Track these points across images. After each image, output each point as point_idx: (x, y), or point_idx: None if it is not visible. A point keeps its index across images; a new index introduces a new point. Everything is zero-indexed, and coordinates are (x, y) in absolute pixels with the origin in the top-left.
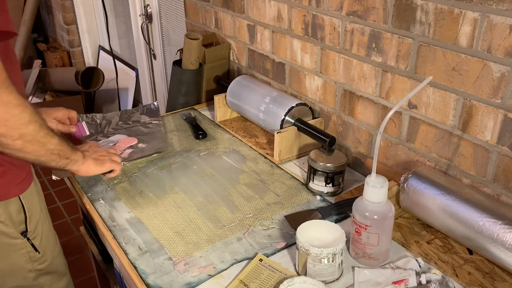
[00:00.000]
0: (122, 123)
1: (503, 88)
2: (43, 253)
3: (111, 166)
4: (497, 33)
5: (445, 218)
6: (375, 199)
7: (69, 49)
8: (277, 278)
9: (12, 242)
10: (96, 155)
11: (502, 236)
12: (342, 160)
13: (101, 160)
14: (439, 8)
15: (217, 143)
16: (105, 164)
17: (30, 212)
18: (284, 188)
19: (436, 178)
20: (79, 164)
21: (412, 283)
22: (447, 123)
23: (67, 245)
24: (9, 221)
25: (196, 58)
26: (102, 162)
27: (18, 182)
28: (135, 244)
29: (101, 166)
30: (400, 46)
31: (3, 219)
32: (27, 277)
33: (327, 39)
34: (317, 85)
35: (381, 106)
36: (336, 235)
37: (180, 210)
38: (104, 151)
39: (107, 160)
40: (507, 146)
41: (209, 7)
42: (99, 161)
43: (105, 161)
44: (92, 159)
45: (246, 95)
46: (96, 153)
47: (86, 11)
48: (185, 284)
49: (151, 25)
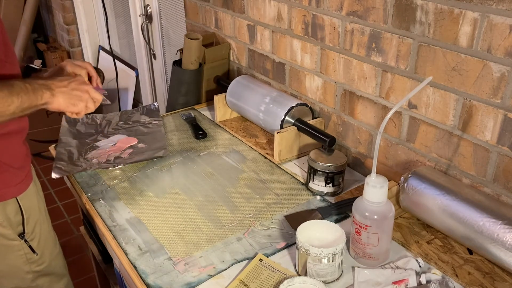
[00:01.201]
0: (122, 123)
1: (503, 88)
2: (41, 254)
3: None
4: (497, 33)
5: (445, 218)
6: (375, 199)
7: (69, 49)
8: (277, 278)
9: (9, 244)
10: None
11: (502, 236)
12: (342, 160)
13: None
14: (439, 8)
15: (217, 143)
16: (78, 105)
17: (27, 214)
18: (284, 188)
19: (436, 178)
20: (48, 104)
21: (412, 283)
22: (447, 123)
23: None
24: (6, 222)
25: (196, 58)
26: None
27: (16, 183)
28: (135, 244)
29: (73, 106)
30: (400, 46)
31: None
32: (25, 279)
33: (327, 39)
34: (317, 85)
35: (381, 106)
36: (336, 235)
37: (180, 210)
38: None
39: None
40: (507, 146)
41: (209, 7)
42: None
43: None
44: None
45: (246, 95)
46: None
47: (86, 11)
48: (185, 284)
49: (151, 25)
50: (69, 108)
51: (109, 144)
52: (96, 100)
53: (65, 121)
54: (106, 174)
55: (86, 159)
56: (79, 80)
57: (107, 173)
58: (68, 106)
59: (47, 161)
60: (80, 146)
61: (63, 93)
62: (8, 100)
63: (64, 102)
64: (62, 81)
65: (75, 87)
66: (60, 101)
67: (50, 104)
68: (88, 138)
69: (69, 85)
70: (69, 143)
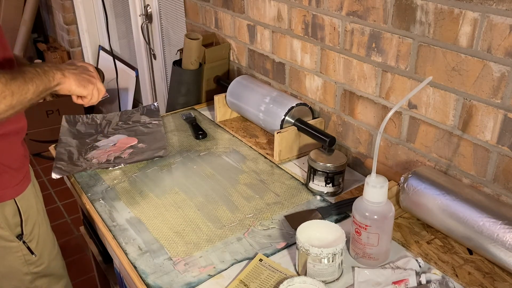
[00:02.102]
0: (122, 123)
1: (503, 88)
2: (40, 256)
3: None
4: (497, 33)
5: (445, 218)
6: (375, 199)
7: (69, 49)
8: (277, 278)
9: (7, 245)
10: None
11: (502, 236)
12: (342, 160)
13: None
14: (439, 8)
15: (217, 143)
16: (87, 87)
17: (26, 215)
18: (284, 188)
19: (436, 178)
20: (60, 85)
21: (412, 283)
22: (447, 123)
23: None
24: (4, 224)
25: (196, 58)
26: (86, 84)
27: (14, 184)
28: (135, 244)
29: (84, 88)
30: (400, 46)
31: None
32: (24, 280)
33: (327, 39)
34: (317, 85)
35: (381, 106)
36: (336, 235)
37: (180, 210)
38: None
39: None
40: (507, 146)
41: (209, 7)
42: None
43: (90, 84)
44: (76, 78)
45: (246, 95)
46: (84, 73)
47: (86, 11)
48: (185, 284)
49: (151, 25)
50: (80, 90)
51: (109, 144)
52: (100, 90)
53: (65, 121)
54: (106, 174)
55: (86, 159)
56: (86, 66)
57: (107, 173)
58: (79, 87)
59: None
60: (80, 146)
61: (73, 74)
62: (24, 88)
63: (75, 83)
64: (71, 65)
65: (83, 71)
66: (71, 81)
67: (62, 85)
68: (88, 138)
69: (77, 68)
70: (69, 143)
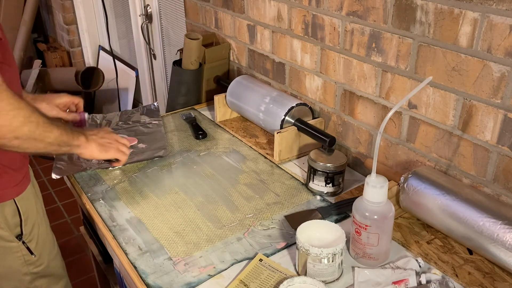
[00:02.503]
0: (122, 123)
1: (503, 88)
2: (39, 256)
3: (115, 155)
4: (497, 33)
5: (445, 218)
6: (375, 199)
7: (69, 49)
8: (277, 278)
9: (7, 245)
10: (102, 141)
11: (502, 236)
12: (342, 160)
13: (107, 147)
14: (439, 8)
15: (217, 143)
16: (109, 151)
17: (25, 215)
18: (284, 188)
19: (436, 178)
20: (82, 149)
21: (412, 283)
22: (447, 123)
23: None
24: (4, 224)
25: (196, 58)
26: (107, 148)
27: (14, 184)
28: (135, 244)
29: (105, 153)
30: (400, 46)
31: None
32: (23, 280)
33: (327, 39)
34: (317, 85)
35: (381, 106)
36: (336, 235)
37: (180, 210)
38: (113, 138)
39: (113, 148)
40: (507, 146)
41: (209, 7)
42: (104, 147)
43: (111, 148)
44: (97, 144)
45: (246, 95)
46: (103, 138)
47: (86, 11)
48: (185, 284)
49: (151, 25)
50: (102, 154)
51: None
52: (125, 144)
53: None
54: (106, 174)
55: (85, 159)
56: (106, 129)
57: (107, 173)
58: (101, 151)
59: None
60: None
61: (94, 140)
62: (49, 127)
63: (97, 148)
64: (92, 131)
65: (103, 135)
66: (93, 147)
67: (84, 149)
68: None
69: (98, 133)
70: None
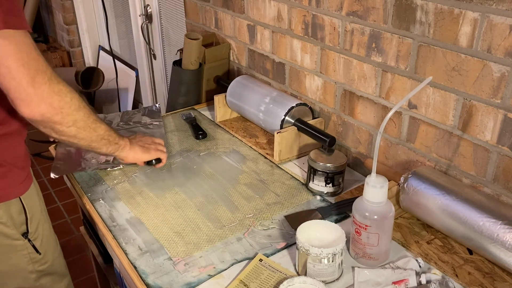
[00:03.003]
0: (123, 123)
1: (503, 88)
2: (44, 254)
3: (156, 154)
4: (497, 33)
5: (445, 218)
6: (375, 199)
7: (69, 49)
8: (277, 278)
9: (13, 244)
10: (142, 143)
11: (502, 236)
12: (342, 160)
13: (147, 148)
14: (439, 8)
15: (217, 143)
16: (151, 151)
17: (31, 213)
18: (284, 188)
19: (436, 178)
20: (127, 150)
21: (412, 283)
22: (447, 123)
23: (67, 245)
24: (10, 222)
25: (196, 58)
26: (148, 149)
27: (19, 183)
28: (135, 244)
29: (148, 153)
30: (400, 46)
31: (4, 220)
32: (28, 278)
33: (327, 39)
34: (317, 85)
35: (381, 106)
36: (336, 235)
37: (180, 210)
38: (149, 139)
39: (153, 148)
40: (507, 146)
41: (209, 7)
42: (146, 148)
43: (151, 149)
44: (139, 146)
45: (246, 95)
46: (142, 141)
47: (86, 11)
48: (185, 284)
49: (151, 25)
50: (145, 156)
51: None
52: (161, 143)
53: None
54: (106, 174)
55: (85, 159)
56: (138, 133)
57: (107, 173)
58: (144, 153)
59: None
60: None
61: (135, 143)
62: (97, 118)
63: (140, 150)
64: (129, 137)
65: (140, 138)
66: (136, 149)
67: (129, 151)
68: None
69: (135, 137)
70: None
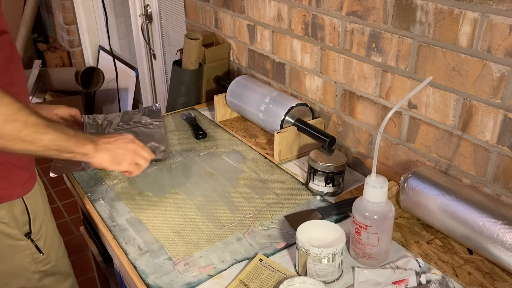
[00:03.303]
0: (123, 123)
1: (503, 88)
2: (47, 254)
3: (128, 168)
4: (497, 33)
5: (445, 218)
6: (375, 199)
7: (69, 49)
8: (277, 278)
9: (16, 244)
10: (116, 151)
11: (502, 236)
12: (342, 160)
13: (120, 159)
14: (439, 8)
15: (217, 143)
16: (122, 163)
17: (34, 214)
18: (284, 188)
19: (436, 178)
20: (89, 157)
21: (412, 283)
22: (447, 123)
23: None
24: (13, 222)
25: (196, 58)
26: (120, 160)
27: (22, 183)
28: (135, 244)
29: (117, 165)
30: (400, 46)
31: (7, 220)
32: (31, 279)
33: (327, 39)
34: (317, 85)
35: (381, 106)
36: (336, 235)
37: (180, 210)
38: (130, 150)
39: (127, 160)
40: (507, 146)
41: (209, 7)
42: (117, 158)
43: (124, 161)
44: (110, 154)
45: (246, 95)
46: (119, 149)
47: (86, 11)
48: (185, 284)
49: (151, 25)
50: (113, 166)
51: None
52: (145, 158)
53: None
54: (106, 174)
55: None
56: (127, 138)
57: (107, 173)
58: (112, 163)
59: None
60: None
61: (107, 150)
62: (42, 129)
63: (108, 159)
64: (109, 137)
65: (120, 145)
66: (103, 157)
67: (92, 158)
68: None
69: (115, 142)
70: None
